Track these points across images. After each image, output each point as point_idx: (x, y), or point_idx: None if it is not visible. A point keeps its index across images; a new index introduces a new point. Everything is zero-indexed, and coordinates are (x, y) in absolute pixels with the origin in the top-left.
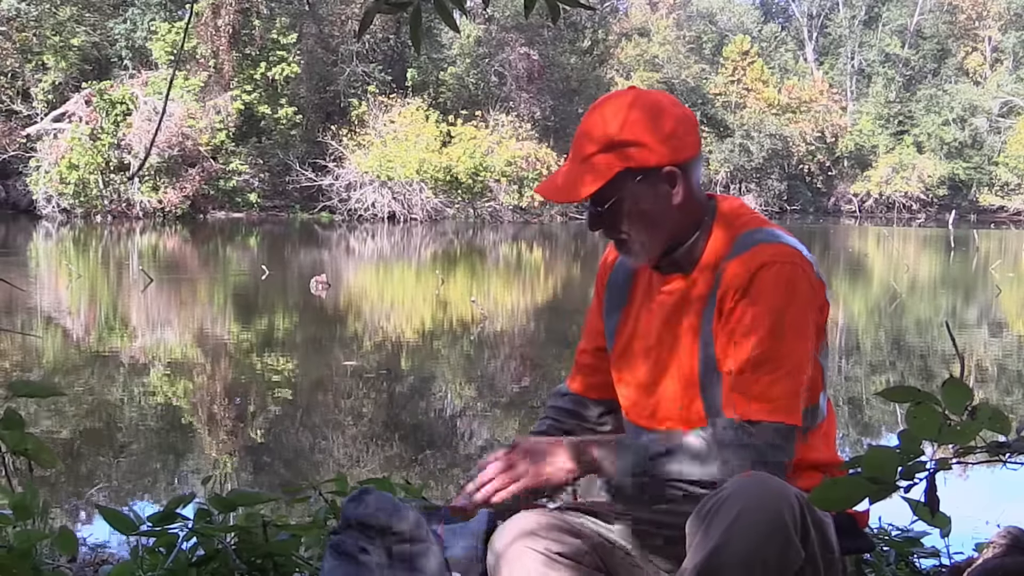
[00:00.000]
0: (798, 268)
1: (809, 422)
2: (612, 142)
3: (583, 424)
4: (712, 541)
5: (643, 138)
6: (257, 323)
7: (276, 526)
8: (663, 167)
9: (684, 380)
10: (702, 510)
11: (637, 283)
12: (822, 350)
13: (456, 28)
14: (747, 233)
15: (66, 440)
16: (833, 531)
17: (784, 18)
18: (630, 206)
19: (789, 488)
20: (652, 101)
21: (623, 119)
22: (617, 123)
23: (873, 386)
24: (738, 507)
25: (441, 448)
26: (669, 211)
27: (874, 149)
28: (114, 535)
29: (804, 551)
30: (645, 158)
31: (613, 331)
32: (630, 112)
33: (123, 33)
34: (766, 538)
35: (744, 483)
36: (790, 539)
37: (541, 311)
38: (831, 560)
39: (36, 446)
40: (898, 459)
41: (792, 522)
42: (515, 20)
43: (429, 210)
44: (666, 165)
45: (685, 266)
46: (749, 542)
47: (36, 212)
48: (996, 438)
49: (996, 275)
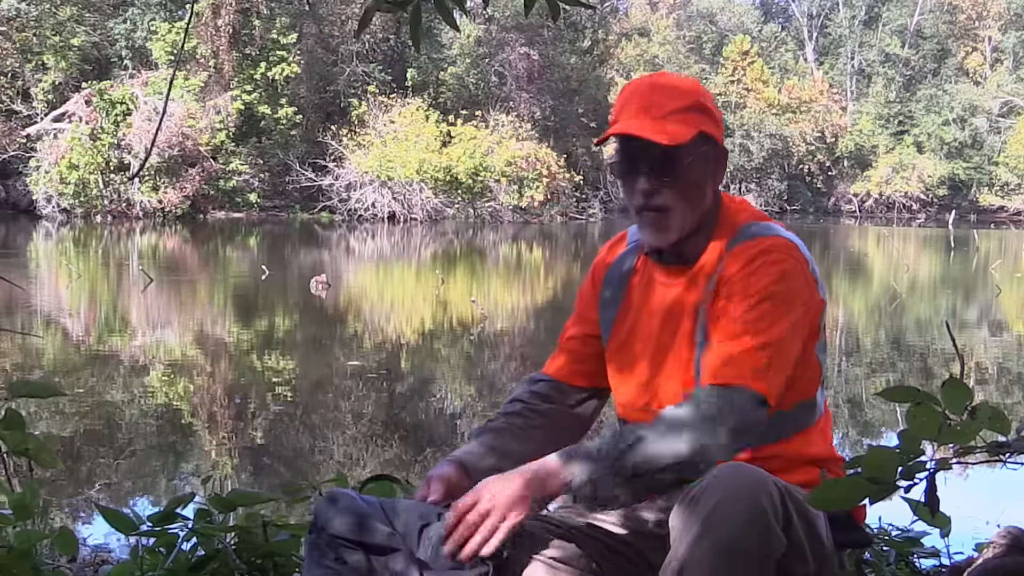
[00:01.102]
0: (793, 260)
1: (807, 417)
2: (694, 104)
3: (559, 409)
4: (692, 532)
5: (715, 112)
6: (257, 323)
7: (276, 526)
8: (720, 145)
9: (682, 373)
10: (683, 502)
11: (636, 278)
12: (818, 347)
13: (456, 27)
14: (747, 225)
15: (66, 440)
16: (824, 523)
17: (784, 18)
18: (694, 170)
19: (767, 476)
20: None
21: (699, 89)
22: (697, 90)
23: (873, 386)
24: (716, 497)
25: (441, 448)
26: (709, 190)
27: (874, 149)
28: (114, 535)
29: (787, 539)
30: (715, 130)
31: (610, 324)
32: (700, 87)
33: (123, 33)
34: (746, 526)
35: (722, 473)
36: (770, 526)
37: (541, 311)
38: (822, 552)
39: (36, 446)
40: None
41: (771, 510)
42: (515, 20)
43: (429, 210)
44: (721, 144)
45: (689, 257)
46: (728, 531)
47: (36, 212)
48: (996, 438)
49: (996, 275)
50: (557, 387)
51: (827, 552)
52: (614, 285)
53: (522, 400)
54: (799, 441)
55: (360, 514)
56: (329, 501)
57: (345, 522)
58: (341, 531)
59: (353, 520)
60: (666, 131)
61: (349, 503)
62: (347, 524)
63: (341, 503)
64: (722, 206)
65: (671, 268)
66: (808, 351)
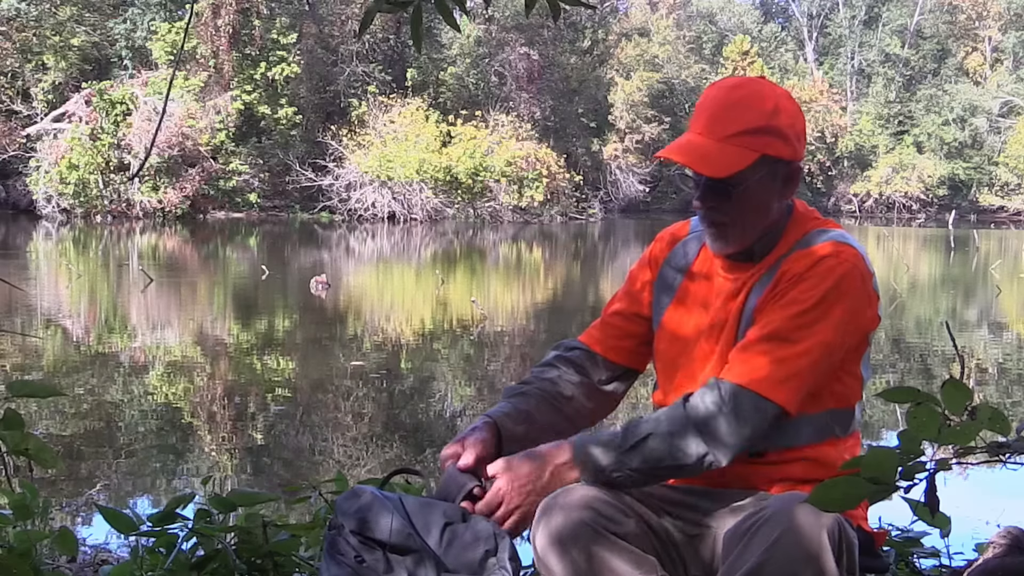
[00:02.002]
0: (855, 269)
1: (842, 427)
2: (762, 127)
3: (590, 383)
4: (752, 559)
5: (787, 130)
6: (257, 323)
7: (276, 526)
8: (792, 162)
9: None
10: (742, 527)
11: (697, 267)
12: (864, 360)
13: (457, 27)
14: (816, 232)
15: (66, 440)
16: (857, 551)
17: (784, 18)
18: (752, 192)
19: (830, 517)
20: (791, 96)
21: (774, 106)
22: (768, 109)
23: (873, 386)
24: (780, 528)
25: (441, 448)
26: (775, 205)
27: (874, 149)
28: (114, 535)
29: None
30: (782, 150)
31: (663, 310)
32: (780, 101)
33: (123, 33)
34: (804, 562)
35: (787, 503)
36: (828, 564)
37: (541, 311)
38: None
39: (36, 446)
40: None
41: (833, 547)
42: (515, 20)
43: (429, 210)
44: (794, 161)
45: (755, 255)
46: (788, 564)
47: (36, 212)
48: (996, 438)
49: (996, 275)
50: (592, 357)
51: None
52: (673, 271)
53: (556, 366)
54: (830, 448)
55: (379, 512)
56: (349, 498)
57: (364, 519)
58: (360, 528)
59: (372, 518)
60: (721, 159)
61: (369, 500)
62: (366, 521)
63: (361, 500)
64: (793, 213)
65: (734, 264)
66: (851, 362)
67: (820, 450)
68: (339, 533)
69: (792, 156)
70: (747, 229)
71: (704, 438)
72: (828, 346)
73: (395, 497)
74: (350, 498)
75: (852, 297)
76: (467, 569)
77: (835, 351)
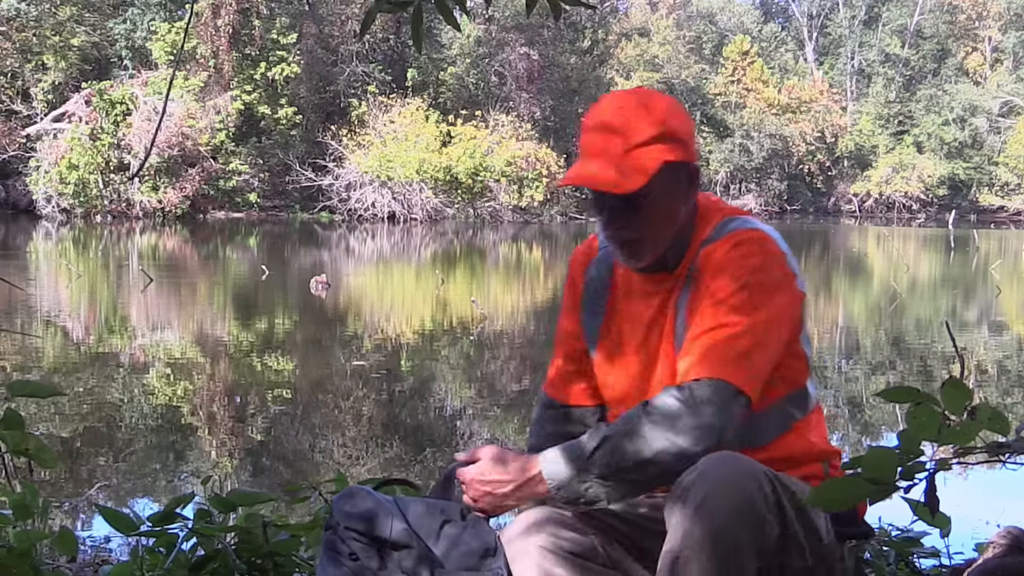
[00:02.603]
0: (768, 252)
1: (801, 408)
2: (658, 134)
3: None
4: (683, 525)
5: (682, 133)
6: (257, 323)
7: (276, 526)
8: (690, 163)
9: (671, 374)
10: (673, 494)
11: (617, 282)
12: (802, 339)
13: (457, 27)
14: (723, 222)
15: (66, 440)
16: (822, 516)
17: (784, 18)
18: (660, 201)
19: (757, 466)
20: (675, 100)
21: (664, 112)
22: (658, 115)
23: (873, 386)
24: (705, 489)
25: (441, 448)
26: (683, 209)
27: (874, 149)
28: (114, 535)
29: (781, 529)
30: (680, 153)
31: (596, 332)
32: (667, 107)
33: (123, 33)
34: (736, 517)
35: (709, 464)
36: (762, 516)
37: (541, 311)
38: (820, 545)
39: (36, 446)
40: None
41: (762, 500)
42: (515, 20)
43: (429, 210)
44: (691, 162)
45: (669, 264)
46: (719, 522)
47: (36, 212)
48: (996, 438)
49: (996, 275)
50: (566, 415)
51: (826, 545)
52: (596, 292)
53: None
54: (797, 433)
55: (375, 510)
56: (344, 497)
57: (360, 518)
58: (355, 527)
59: (368, 516)
60: (625, 175)
61: (364, 499)
62: (361, 520)
63: (356, 499)
64: (699, 211)
65: (651, 276)
66: (793, 342)
67: (787, 440)
68: (336, 532)
69: (689, 157)
70: (659, 239)
71: (664, 428)
72: (766, 324)
73: (389, 498)
74: (346, 497)
75: (774, 278)
76: (465, 569)
77: (772, 329)
